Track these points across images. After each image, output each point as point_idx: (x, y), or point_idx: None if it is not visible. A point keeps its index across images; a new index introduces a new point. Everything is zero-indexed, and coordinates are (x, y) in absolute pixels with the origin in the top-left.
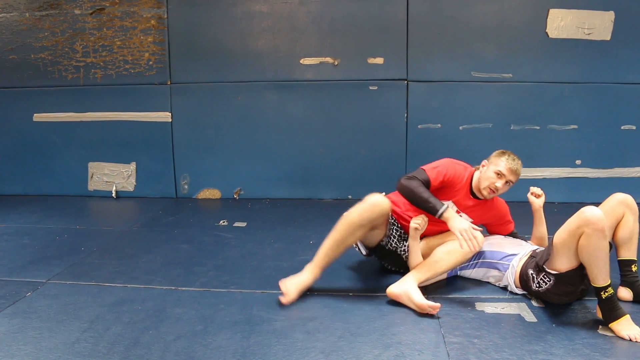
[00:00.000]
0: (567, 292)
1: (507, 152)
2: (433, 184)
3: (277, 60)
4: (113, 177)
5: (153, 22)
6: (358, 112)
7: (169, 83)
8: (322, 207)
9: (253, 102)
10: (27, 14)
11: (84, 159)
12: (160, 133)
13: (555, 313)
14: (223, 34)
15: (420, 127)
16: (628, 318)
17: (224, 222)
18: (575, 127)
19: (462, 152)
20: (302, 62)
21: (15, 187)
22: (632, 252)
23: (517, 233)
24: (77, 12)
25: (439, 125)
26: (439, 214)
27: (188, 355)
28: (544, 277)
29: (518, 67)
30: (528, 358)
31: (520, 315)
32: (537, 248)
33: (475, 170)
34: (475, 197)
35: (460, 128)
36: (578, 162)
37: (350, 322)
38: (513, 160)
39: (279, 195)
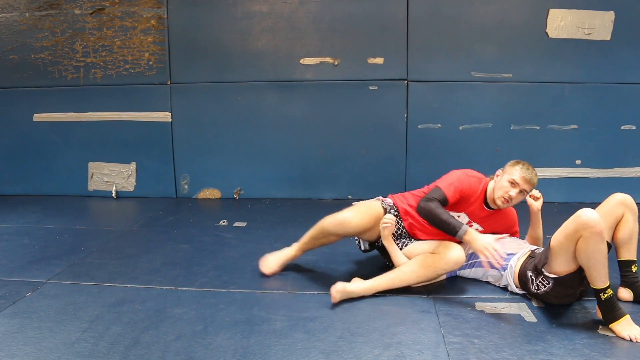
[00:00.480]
0: (566, 294)
1: (521, 161)
2: (450, 202)
3: (277, 60)
4: (113, 177)
5: (153, 22)
6: (358, 112)
7: (169, 83)
8: (322, 207)
9: (253, 102)
10: (27, 14)
11: (84, 159)
12: (160, 133)
13: (555, 313)
14: (223, 34)
15: (420, 127)
16: (628, 318)
17: (224, 222)
18: (575, 127)
19: (462, 152)
20: (302, 62)
21: (15, 187)
22: (632, 252)
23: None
24: (77, 12)
25: (439, 125)
26: (459, 237)
27: (188, 355)
28: (543, 280)
29: (518, 67)
30: (528, 358)
31: (520, 315)
32: (535, 248)
33: (490, 180)
34: (489, 207)
35: (460, 128)
36: (578, 162)
37: (350, 322)
38: (527, 170)
39: (279, 195)
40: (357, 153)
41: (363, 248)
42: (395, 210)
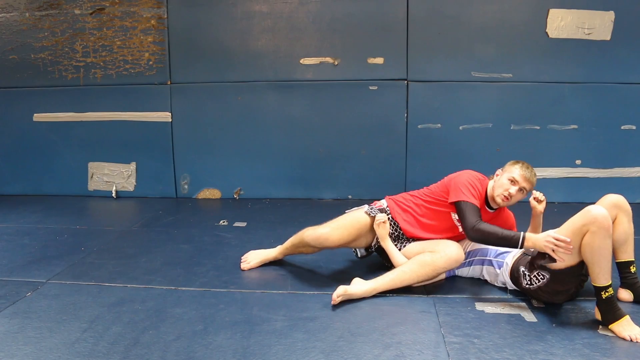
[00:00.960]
0: (559, 291)
1: (520, 161)
2: (479, 206)
3: (277, 60)
4: (113, 177)
5: (153, 22)
6: (358, 112)
7: (169, 83)
8: (322, 207)
9: (253, 102)
10: (27, 14)
11: (84, 159)
12: (160, 133)
13: (555, 313)
14: (223, 34)
15: (420, 127)
16: (628, 319)
17: (224, 222)
18: (575, 127)
19: (462, 152)
20: (302, 62)
21: (15, 187)
22: (629, 253)
23: None
24: (77, 12)
25: (439, 125)
26: (525, 247)
27: (188, 355)
28: (538, 274)
29: (518, 67)
30: (528, 358)
31: (520, 315)
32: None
33: (490, 180)
34: (490, 208)
35: (460, 128)
36: (578, 162)
37: (350, 322)
38: (527, 169)
39: (279, 195)
40: (357, 153)
41: (360, 255)
42: (388, 213)
